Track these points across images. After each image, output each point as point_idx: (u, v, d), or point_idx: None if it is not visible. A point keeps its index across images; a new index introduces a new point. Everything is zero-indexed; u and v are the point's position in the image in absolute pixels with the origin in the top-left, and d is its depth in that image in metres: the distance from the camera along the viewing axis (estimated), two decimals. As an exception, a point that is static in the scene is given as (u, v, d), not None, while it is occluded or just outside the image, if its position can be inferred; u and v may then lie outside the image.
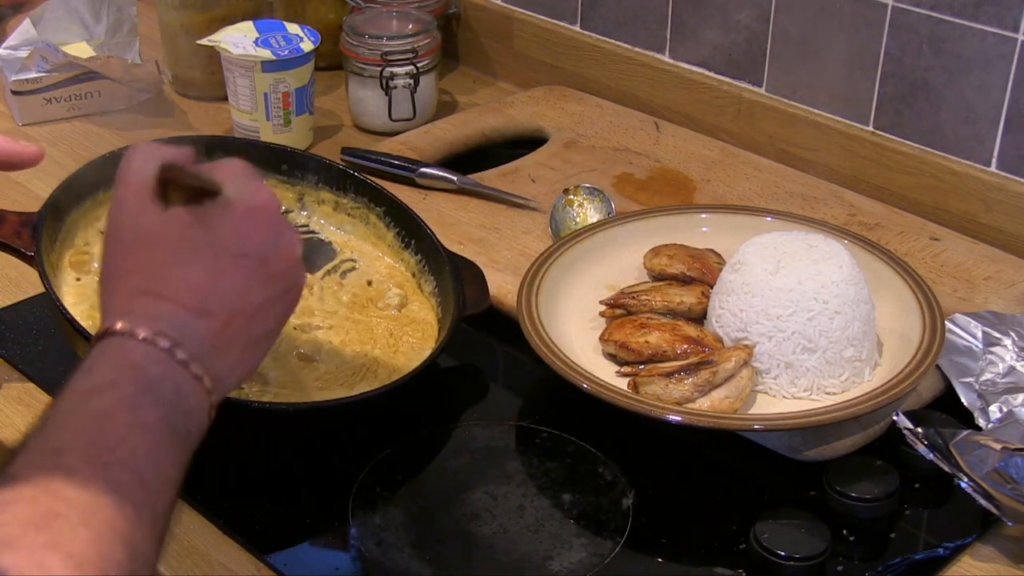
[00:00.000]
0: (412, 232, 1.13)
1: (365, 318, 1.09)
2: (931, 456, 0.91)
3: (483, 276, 1.10)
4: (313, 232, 1.15)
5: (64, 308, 0.93)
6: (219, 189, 0.75)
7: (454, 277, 1.07)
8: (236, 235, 0.75)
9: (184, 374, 0.71)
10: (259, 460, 0.97)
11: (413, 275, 1.13)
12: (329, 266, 1.13)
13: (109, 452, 0.65)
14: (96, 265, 1.03)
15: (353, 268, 1.14)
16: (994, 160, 1.25)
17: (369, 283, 1.12)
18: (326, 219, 1.16)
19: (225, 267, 0.75)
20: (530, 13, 1.59)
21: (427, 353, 1.03)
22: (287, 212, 1.15)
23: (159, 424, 0.68)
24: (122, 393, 0.68)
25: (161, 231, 0.74)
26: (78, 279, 1.02)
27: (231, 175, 0.77)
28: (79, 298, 1.00)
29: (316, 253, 1.13)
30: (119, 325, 0.71)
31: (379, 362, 1.04)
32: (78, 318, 0.94)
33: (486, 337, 1.14)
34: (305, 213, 1.15)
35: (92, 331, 0.96)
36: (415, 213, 1.13)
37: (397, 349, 1.06)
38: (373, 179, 1.17)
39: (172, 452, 0.68)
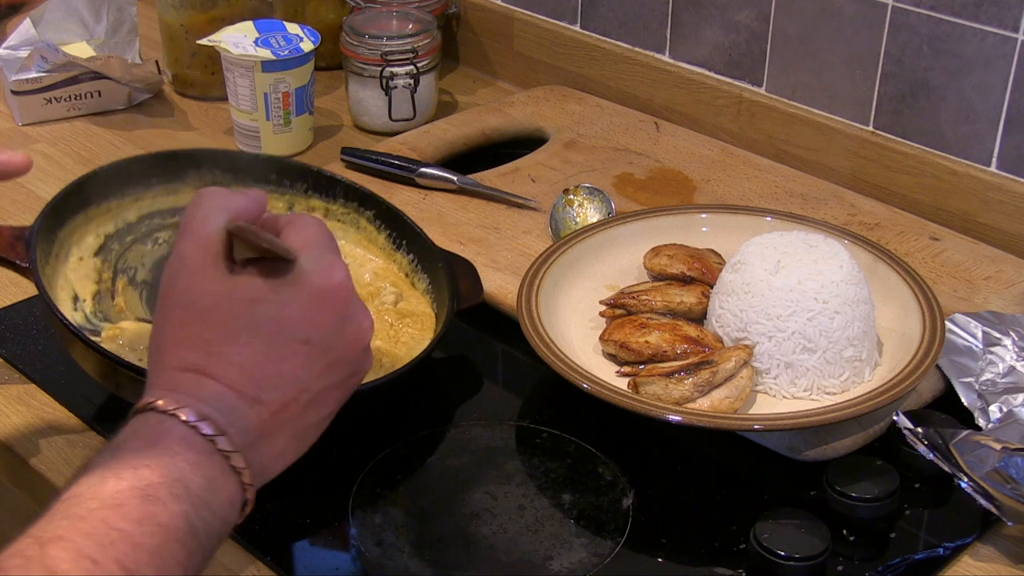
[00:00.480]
0: (403, 233, 1.13)
1: None
2: (931, 456, 0.91)
3: (475, 271, 1.10)
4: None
5: (62, 316, 0.94)
6: (293, 258, 0.69)
7: (447, 273, 1.08)
8: (303, 318, 0.69)
9: (222, 466, 0.65)
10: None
11: (406, 275, 1.13)
12: None
13: (105, 548, 0.58)
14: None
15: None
16: (994, 160, 1.25)
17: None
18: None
19: (286, 352, 0.68)
20: (530, 13, 1.59)
21: (427, 343, 1.03)
22: None
23: (176, 520, 0.62)
24: (142, 480, 0.62)
25: (222, 300, 0.68)
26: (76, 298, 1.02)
27: (307, 243, 0.71)
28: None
29: None
30: (161, 402, 0.65)
31: (382, 351, 1.04)
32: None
33: (486, 337, 1.14)
34: None
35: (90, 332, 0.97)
36: (404, 214, 1.14)
37: (398, 340, 1.06)
38: (361, 184, 1.16)
39: (184, 554, 0.62)
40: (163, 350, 0.69)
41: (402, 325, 1.08)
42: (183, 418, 0.65)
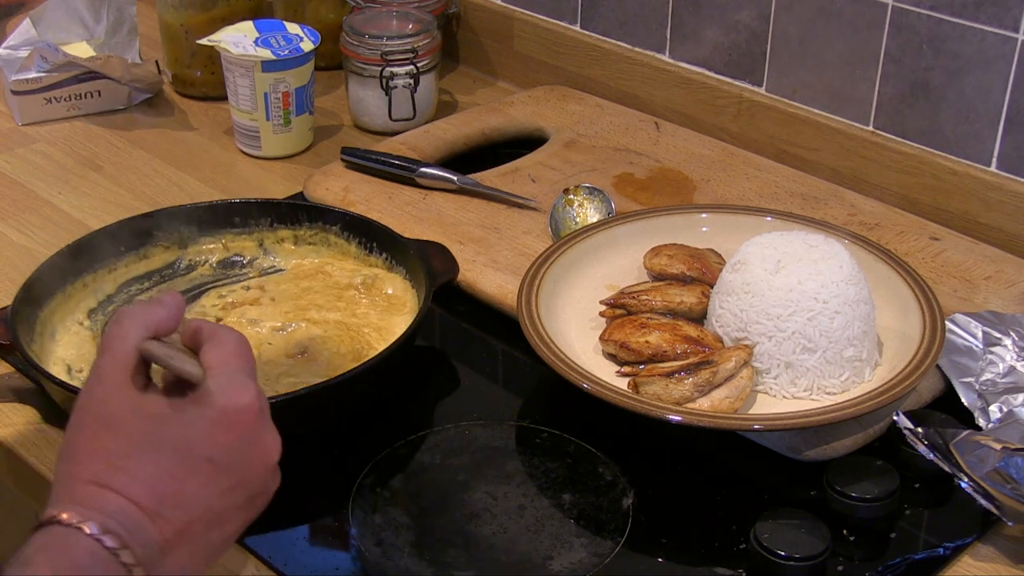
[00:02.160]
0: (372, 236, 1.15)
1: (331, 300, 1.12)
2: (931, 456, 0.91)
3: (447, 250, 1.12)
4: (282, 270, 1.17)
5: (52, 375, 0.98)
6: (199, 381, 0.72)
7: (418, 255, 1.10)
8: (206, 437, 0.71)
9: None
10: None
11: (386, 275, 1.14)
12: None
13: None
14: None
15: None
16: (994, 160, 1.25)
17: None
18: (291, 255, 1.18)
19: (189, 469, 0.70)
20: (530, 13, 1.59)
21: (402, 307, 1.07)
22: (251, 260, 1.17)
23: None
24: None
25: (129, 417, 0.71)
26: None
27: (220, 362, 0.73)
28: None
29: None
30: (65, 515, 0.67)
31: (330, 322, 1.08)
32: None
33: (486, 337, 1.14)
34: (271, 256, 1.17)
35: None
36: (368, 218, 1.16)
37: (354, 313, 1.10)
38: (321, 202, 1.19)
39: None
40: (72, 460, 0.71)
41: (361, 298, 1.11)
42: (87, 531, 0.67)
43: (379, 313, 1.09)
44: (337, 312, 1.10)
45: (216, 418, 0.71)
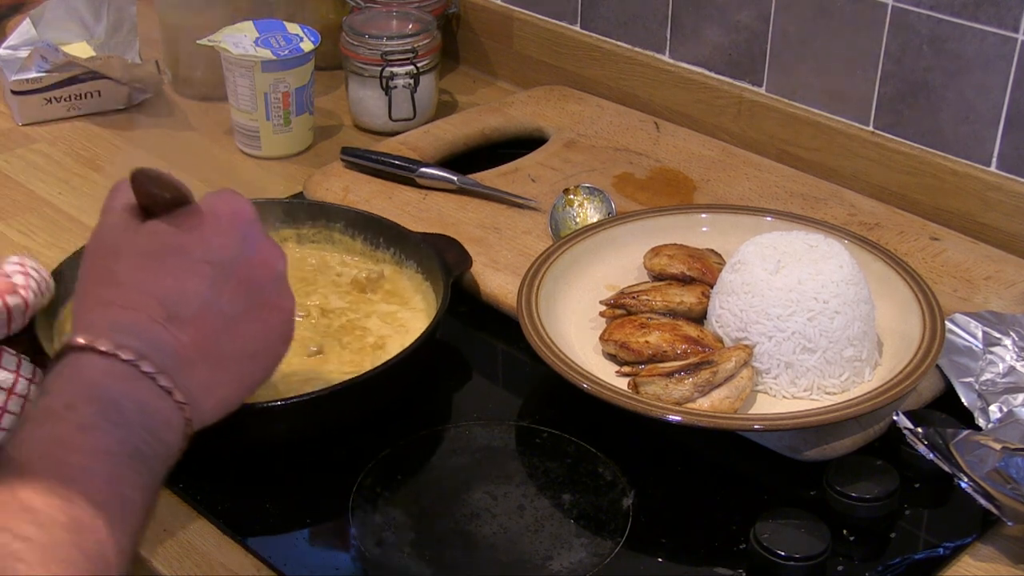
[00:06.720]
0: (377, 231, 1.15)
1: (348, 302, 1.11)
2: (931, 456, 0.91)
3: (458, 243, 1.13)
4: None
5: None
6: (188, 196, 0.75)
7: (431, 249, 1.10)
8: (201, 241, 0.73)
9: (151, 389, 0.67)
10: (259, 460, 0.97)
11: (395, 269, 1.14)
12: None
13: (68, 484, 0.60)
14: None
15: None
16: (994, 160, 1.25)
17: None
18: (293, 254, 1.17)
19: (188, 272, 0.72)
20: (530, 13, 1.59)
21: (412, 309, 1.07)
22: None
23: (120, 447, 0.64)
24: (80, 416, 0.64)
25: (131, 242, 0.73)
26: None
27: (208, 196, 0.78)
28: None
29: None
30: (79, 340, 0.67)
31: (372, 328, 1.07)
32: None
33: (486, 337, 1.14)
34: None
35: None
36: (372, 213, 1.16)
37: (364, 307, 1.10)
38: (322, 200, 1.19)
39: (136, 477, 0.64)
40: (81, 297, 0.73)
41: (368, 294, 1.11)
42: (103, 349, 0.67)
43: (388, 308, 1.09)
44: (345, 308, 1.10)
45: (210, 222, 0.74)
